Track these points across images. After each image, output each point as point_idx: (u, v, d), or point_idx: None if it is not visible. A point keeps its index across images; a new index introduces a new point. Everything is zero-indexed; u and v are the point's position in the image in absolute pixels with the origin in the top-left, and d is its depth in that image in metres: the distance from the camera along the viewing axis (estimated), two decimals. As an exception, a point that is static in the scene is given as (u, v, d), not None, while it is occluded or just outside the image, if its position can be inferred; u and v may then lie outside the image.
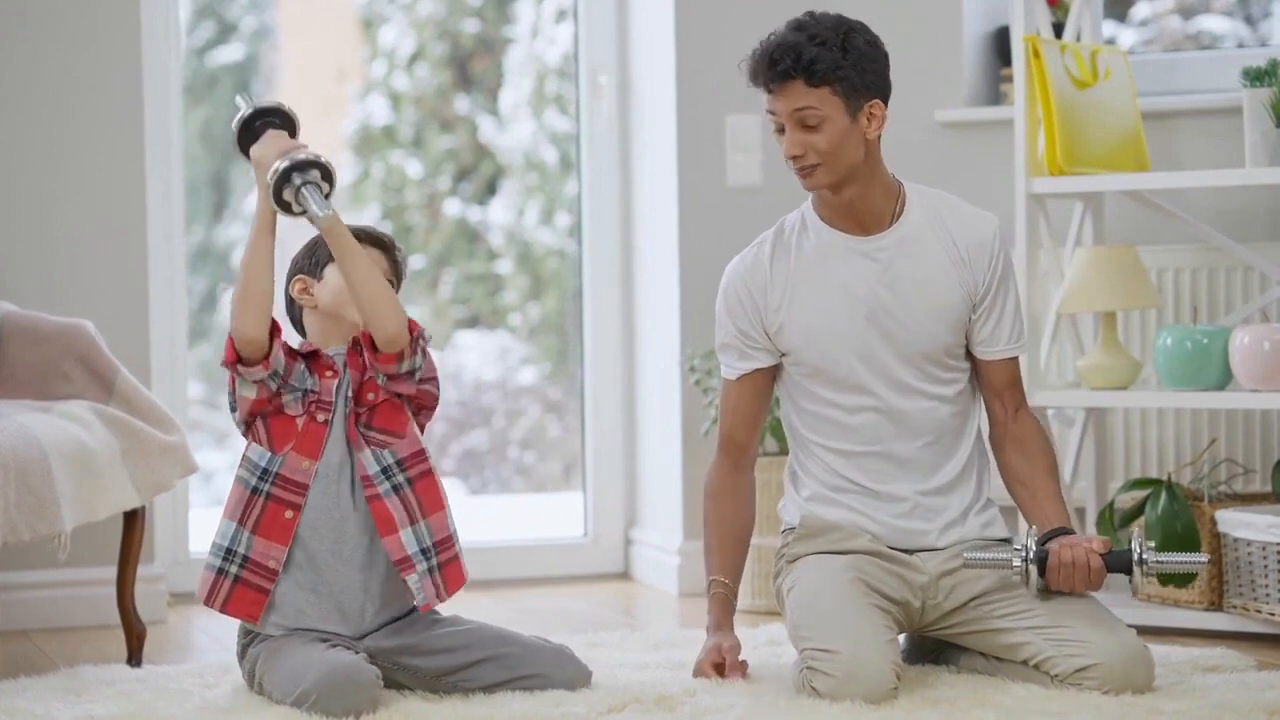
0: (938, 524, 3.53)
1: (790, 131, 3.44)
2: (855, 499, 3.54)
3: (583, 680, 3.42)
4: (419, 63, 6.48)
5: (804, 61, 3.40)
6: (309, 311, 3.48)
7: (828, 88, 3.42)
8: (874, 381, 3.52)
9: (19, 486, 3.69)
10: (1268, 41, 5.23)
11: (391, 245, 3.51)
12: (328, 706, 3.19)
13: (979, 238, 3.53)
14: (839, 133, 3.44)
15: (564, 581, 5.18)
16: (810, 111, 3.42)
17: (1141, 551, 3.42)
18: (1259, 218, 4.69)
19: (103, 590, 4.44)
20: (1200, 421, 4.67)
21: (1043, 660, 3.38)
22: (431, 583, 3.40)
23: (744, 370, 3.60)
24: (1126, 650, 3.35)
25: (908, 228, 3.53)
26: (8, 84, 4.62)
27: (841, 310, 3.51)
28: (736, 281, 3.58)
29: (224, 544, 3.40)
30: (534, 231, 6.33)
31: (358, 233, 3.43)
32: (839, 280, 3.52)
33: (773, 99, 3.45)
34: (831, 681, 3.28)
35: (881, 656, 3.30)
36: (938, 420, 3.54)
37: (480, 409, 6.60)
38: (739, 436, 3.63)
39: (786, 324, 3.54)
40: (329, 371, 3.43)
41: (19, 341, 4.14)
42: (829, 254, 3.54)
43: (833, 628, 3.34)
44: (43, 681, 3.63)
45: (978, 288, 3.52)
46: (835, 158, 3.45)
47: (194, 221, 6.08)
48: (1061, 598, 3.44)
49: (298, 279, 3.48)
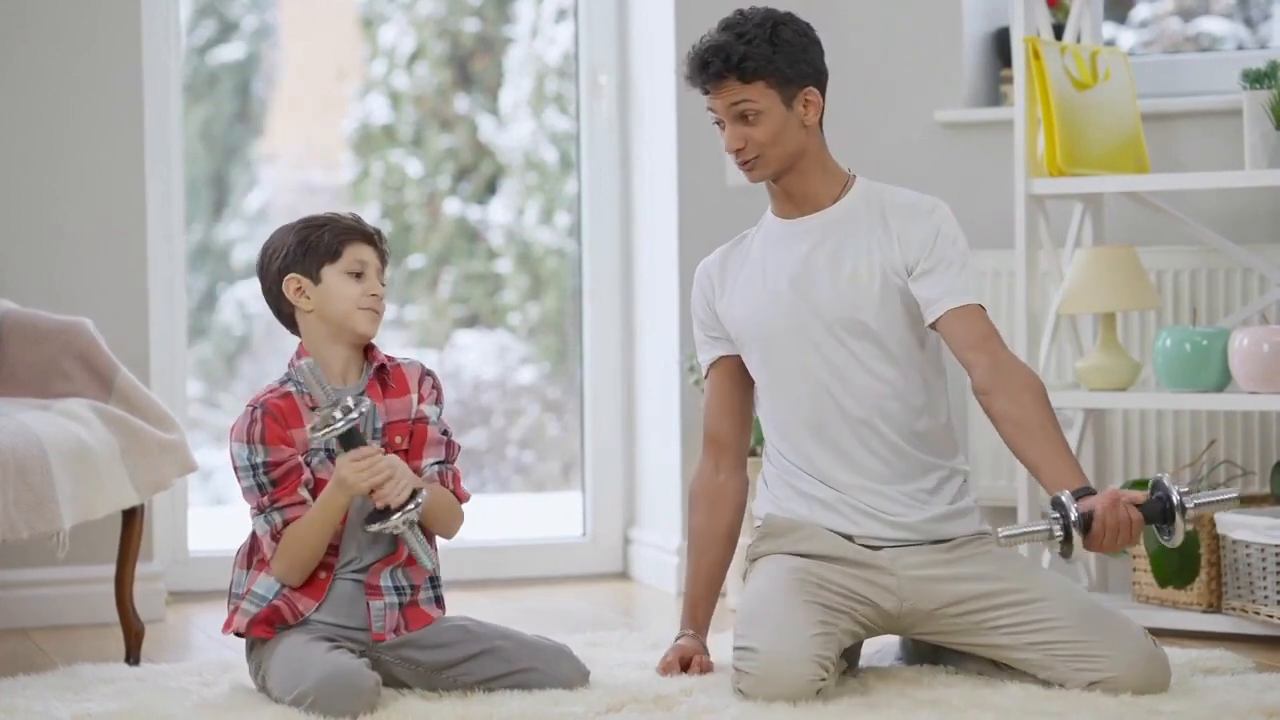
0: (895, 509, 3.50)
1: (730, 126, 3.51)
2: (809, 486, 3.53)
3: (580, 679, 3.42)
4: (419, 62, 6.48)
5: (734, 61, 3.46)
6: (305, 313, 3.46)
7: (761, 81, 3.48)
8: (809, 353, 3.52)
9: (18, 484, 3.69)
10: (1267, 44, 5.23)
11: (379, 239, 3.49)
12: (325, 708, 3.19)
13: (912, 215, 3.53)
14: (776, 123, 3.50)
15: (563, 581, 5.18)
16: (747, 105, 3.48)
17: (1180, 498, 3.24)
18: (1258, 219, 4.69)
19: (101, 588, 4.44)
20: (1199, 423, 4.67)
21: (1051, 676, 3.36)
22: (394, 616, 3.41)
23: (711, 359, 3.66)
24: (1142, 659, 3.32)
25: (839, 212, 3.57)
26: (8, 83, 4.62)
27: (770, 281, 3.56)
28: (697, 278, 3.69)
29: (269, 597, 3.38)
30: (534, 231, 6.33)
31: (346, 224, 3.42)
32: (773, 257, 3.58)
33: (710, 98, 3.52)
34: (751, 680, 3.29)
35: (801, 653, 3.28)
36: (882, 408, 3.51)
37: (479, 408, 6.60)
38: (716, 432, 3.67)
39: (729, 308, 3.60)
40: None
41: (19, 339, 4.14)
42: (769, 241, 3.61)
43: (757, 626, 3.34)
44: (41, 679, 3.63)
45: (908, 261, 3.50)
46: (775, 146, 3.51)
47: (194, 220, 6.08)
48: (1058, 597, 3.42)
49: (291, 278, 3.43)
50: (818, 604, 3.40)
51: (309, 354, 3.43)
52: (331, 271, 3.42)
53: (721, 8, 3.69)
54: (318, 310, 3.43)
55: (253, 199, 6.57)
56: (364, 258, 3.44)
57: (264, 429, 3.36)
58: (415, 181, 6.46)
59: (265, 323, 6.57)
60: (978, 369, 3.43)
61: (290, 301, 3.44)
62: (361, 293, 3.42)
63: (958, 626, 3.47)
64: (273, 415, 3.37)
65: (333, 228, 3.44)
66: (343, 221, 3.46)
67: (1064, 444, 3.35)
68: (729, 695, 3.33)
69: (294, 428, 3.37)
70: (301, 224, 3.46)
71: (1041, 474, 3.34)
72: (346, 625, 3.39)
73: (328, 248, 3.43)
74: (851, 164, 3.75)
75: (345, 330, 3.43)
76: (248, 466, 3.36)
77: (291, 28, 6.68)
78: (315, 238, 3.43)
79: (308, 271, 3.43)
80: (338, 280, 3.42)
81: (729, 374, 3.66)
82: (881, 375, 3.51)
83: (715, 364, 3.67)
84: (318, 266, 3.43)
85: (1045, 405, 3.39)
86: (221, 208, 6.48)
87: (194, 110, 6.18)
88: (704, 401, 3.70)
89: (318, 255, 3.43)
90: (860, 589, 3.47)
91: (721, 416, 3.67)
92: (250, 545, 3.44)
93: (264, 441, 3.35)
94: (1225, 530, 4.17)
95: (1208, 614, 4.22)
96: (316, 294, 3.43)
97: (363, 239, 3.46)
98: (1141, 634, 3.38)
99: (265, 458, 3.35)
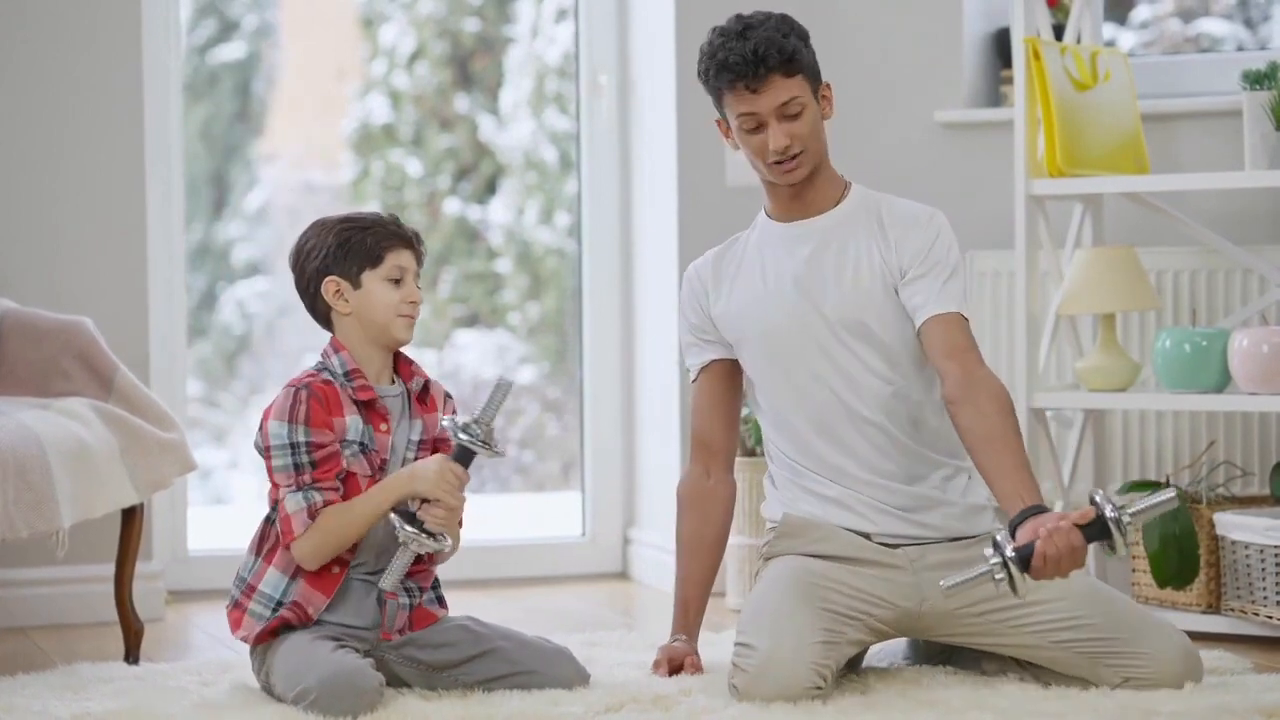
0: (908, 504, 3.50)
1: (776, 125, 3.48)
2: (820, 485, 3.52)
3: (580, 682, 3.42)
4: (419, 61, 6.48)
5: (786, 53, 3.46)
6: (342, 315, 3.44)
7: (800, 75, 3.49)
8: (813, 353, 3.51)
9: (18, 483, 3.69)
10: (1267, 44, 5.23)
11: (418, 242, 3.48)
12: (327, 707, 3.19)
13: (910, 224, 3.53)
14: (814, 118, 3.52)
15: (562, 581, 5.18)
16: (794, 101, 3.48)
17: (1116, 513, 3.21)
18: (1258, 220, 4.69)
19: (101, 587, 4.43)
20: (1199, 424, 4.67)
21: (1081, 675, 3.36)
22: (404, 616, 3.42)
23: (702, 363, 3.65)
24: (1178, 654, 3.33)
25: (840, 216, 3.57)
26: (8, 83, 4.62)
27: (772, 281, 3.55)
28: (686, 281, 3.67)
29: (276, 596, 3.37)
30: (533, 231, 6.33)
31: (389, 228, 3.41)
32: (773, 258, 3.57)
33: (755, 98, 3.48)
34: (746, 677, 3.28)
35: (798, 657, 3.27)
36: (887, 406, 3.50)
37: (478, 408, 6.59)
38: (706, 436, 3.66)
39: (727, 308, 3.59)
40: (383, 425, 3.41)
41: (19, 338, 4.14)
42: (766, 243, 3.60)
43: (759, 625, 3.33)
44: (40, 678, 3.63)
45: (903, 267, 3.50)
46: (814, 141, 3.52)
47: (193, 219, 6.08)
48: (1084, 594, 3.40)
49: (330, 279, 3.41)
50: (827, 611, 3.38)
51: (345, 350, 3.41)
52: (372, 277, 3.40)
53: (722, 7, 3.70)
54: (356, 314, 3.41)
55: (253, 198, 6.58)
56: (404, 263, 3.42)
57: (309, 410, 3.33)
58: (415, 181, 6.46)
59: (265, 322, 6.57)
60: (949, 379, 3.43)
61: (328, 302, 3.43)
62: (401, 299, 3.41)
63: (981, 627, 3.45)
64: (317, 398, 3.34)
65: (376, 232, 3.41)
66: (386, 226, 3.43)
67: (1023, 459, 3.33)
68: (728, 696, 3.33)
69: (335, 415, 3.36)
70: (342, 224, 3.43)
71: (996, 486, 3.33)
72: (354, 625, 3.39)
73: (370, 252, 3.40)
74: (851, 164, 3.75)
75: (384, 335, 3.42)
76: (285, 445, 3.33)
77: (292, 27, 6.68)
78: (357, 241, 3.40)
79: (347, 275, 3.41)
80: (378, 286, 3.40)
81: (720, 378, 3.65)
82: (884, 375, 3.51)
83: (706, 368, 3.65)
84: (358, 271, 3.40)
85: (1009, 419, 3.36)
86: (221, 207, 6.48)
87: (194, 109, 6.18)
88: (692, 405, 3.69)
89: (359, 259, 3.40)
90: (878, 590, 3.46)
91: (713, 420, 3.66)
92: (261, 534, 3.43)
93: (307, 422, 3.33)
94: (1224, 531, 4.17)
95: (1207, 615, 4.22)
96: (356, 298, 3.41)
97: (403, 244, 3.43)
98: (1173, 629, 3.39)
99: (307, 438, 3.33)
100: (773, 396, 3.58)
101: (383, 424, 3.40)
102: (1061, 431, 4.66)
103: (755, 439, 4.57)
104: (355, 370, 3.40)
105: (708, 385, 3.66)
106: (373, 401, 3.40)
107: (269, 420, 3.35)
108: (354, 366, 3.40)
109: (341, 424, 3.36)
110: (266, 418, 3.36)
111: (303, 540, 3.32)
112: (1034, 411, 4.39)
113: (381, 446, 3.39)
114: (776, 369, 3.56)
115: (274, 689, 3.35)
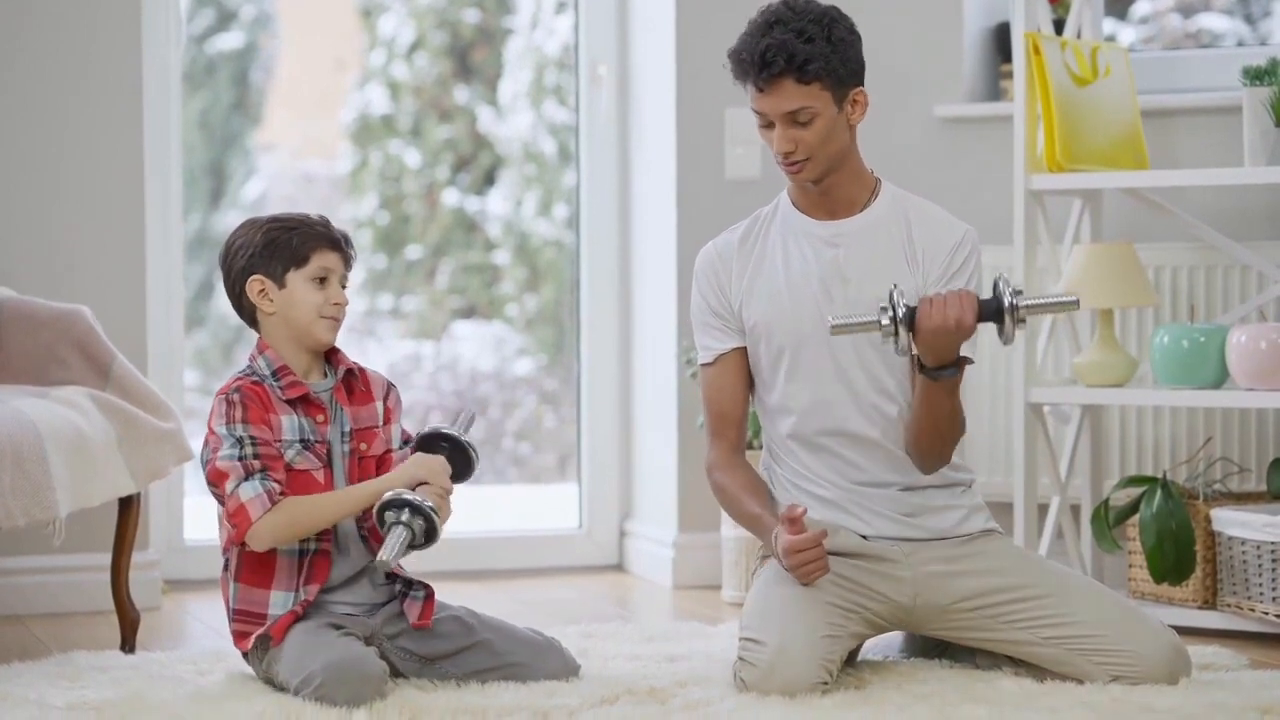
0: (904, 507, 3.49)
1: (781, 128, 3.42)
2: (816, 487, 3.51)
3: (569, 674, 3.42)
4: (418, 52, 6.48)
5: (797, 61, 3.37)
6: (266, 315, 3.43)
7: (818, 83, 3.39)
8: (825, 356, 3.48)
9: (14, 471, 3.69)
10: (1267, 40, 5.23)
11: (346, 244, 3.45)
12: (331, 694, 3.18)
13: (940, 242, 3.49)
14: (828, 125, 3.42)
15: (558, 573, 5.18)
16: (803, 110, 3.40)
17: (1011, 297, 3.28)
18: (1257, 216, 4.69)
19: (97, 576, 4.44)
20: (1196, 420, 4.67)
21: (1071, 672, 3.36)
22: (417, 608, 3.42)
23: (723, 350, 3.56)
24: (1168, 652, 3.33)
25: (870, 219, 3.51)
26: (7, 73, 4.62)
27: (797, 279, 3.50)
28: (706, 263, 3.58)
29: (278, 614, 3.36)
30: (532, 222, 6.33)
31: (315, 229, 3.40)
32: (799, 255, 3.51)
33: (762, 98, 3.42)
34: (755, 672, 3.28)
35: (807, 652, 3.28)
36: (891, 413, 3.48)
37: (476, 399, 6.60)
38: (732, 414, 3.57)
39: (748, 299, 3.53)
40: (320, 416, 3.41)
41: (16, 327, 4.14)
42: (791, 236, 3.54)
43: (767, 620, 3.33)
44: (36, 667, 3.63)
45: (926, 273, 3.48)
46: (824, 148, 3.43)
47: (191, 209, 6.08)
48: (1074, 590, 3.41)
49: (255, 278, 3.40)
50: (831, 605, 3.39)
51: (270, 350, 3.41)
52: (296, 277, 3.40)
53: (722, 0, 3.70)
54: (280, 314, 3.41)
55: (251, 188, 6.58)
56: (329, 265, 3.41)
57: (245, 410, 3.34)
58: (414, 172, 6.46)
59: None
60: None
61: (253, 301, 3.43)
62: (325, 300, 3.41)
63: (972, 622, 3.46)
64: (250, 399, 3.35)
65: (302, 232, 3.41)
66: (313, 226, 3.42)
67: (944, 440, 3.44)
68: (723, 688, 3.33)
69: (271, 413, 3.37)
70: (269, 223, 3.43)
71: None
72: (353, 603, 3.40)
73: (295, 253, 3.40)
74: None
75: (307, 337, 3.42)
76: (230, 439, 3.32)
77: (290, 17, 6.68)
78: (283, 240, 3.40)
79: (272, 274, 3.40)
80: (302, 287, 3.40)
81: (739, 365, 3.57)
82: (893, 395, 3.49)
83: (727, 354, 3.57)
84: (283, 270, 3.40)
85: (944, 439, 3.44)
86: (219, 197, 6.48)
87: (192, 99, 6.18)
88: (709, 389, 3.59)
89: (284, 259, 3.40)
90: (875, 584, 3.46)
91: (736, 403, 3.57)
92: (223, 574, 3.42)
93: (245, 420, 3.33)
94: (1221, 527, 4.17)
95: (1203, 610, 4.22)
96: (280, 298, 3.40)
97: (330, 245, 3.42)
98: (1162, 627, 3.39)
99: (249, 433, 3.33)
100: (779, 393, 3.54)
101: (320, 415, 3.41)
102: (1059, 427, 4.66)
103: (754, 431, 4.57)
104: (283, 368, 3.40)
105: (730, 370, 3.56)
106: (305, 396, 3.40)
107: (211, 426, 3.36)
108: (280, 364, 3.40)
109: (277, 422, 3.37)
110: (209, 426, 3.37)
111: (268, 519, 3.30)
112: (1031, 407, 4.39)
113: (324, 438, 3.40)
114: (790, 368, 3.52)
115: (277, 677, 3.34)
